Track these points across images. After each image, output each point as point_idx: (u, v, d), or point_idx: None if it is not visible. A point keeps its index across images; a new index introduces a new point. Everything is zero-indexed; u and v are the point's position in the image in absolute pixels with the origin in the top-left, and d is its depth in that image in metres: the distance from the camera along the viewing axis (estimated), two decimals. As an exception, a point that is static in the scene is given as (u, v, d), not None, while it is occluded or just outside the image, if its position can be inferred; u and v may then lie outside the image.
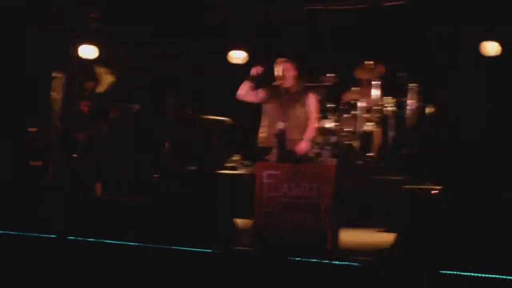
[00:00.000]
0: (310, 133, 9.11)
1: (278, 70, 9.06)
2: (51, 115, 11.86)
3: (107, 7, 11.45)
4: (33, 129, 11.85)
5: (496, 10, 10.18)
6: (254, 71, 9.04)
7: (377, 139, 10.63)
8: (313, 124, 9.15)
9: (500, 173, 10.26)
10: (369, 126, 10.62)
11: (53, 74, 11.39)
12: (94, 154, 10.94)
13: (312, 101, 9.24)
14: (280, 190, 7.68)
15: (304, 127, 9.13)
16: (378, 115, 10.66)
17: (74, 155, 10.71)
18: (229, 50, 12.39)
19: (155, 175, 11.26)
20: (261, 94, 9.19)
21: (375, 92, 10.65)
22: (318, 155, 10.11)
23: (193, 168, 11.49)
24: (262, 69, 9.05)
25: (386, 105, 10.84)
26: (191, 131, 12.14)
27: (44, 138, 11.72)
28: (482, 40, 10.72)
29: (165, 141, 11.36)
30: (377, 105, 10.66)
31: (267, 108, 9.12)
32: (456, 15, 10.60)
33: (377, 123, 10.66)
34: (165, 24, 11.76)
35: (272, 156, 9.07)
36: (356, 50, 11.49)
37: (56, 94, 11.75)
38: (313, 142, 9.47)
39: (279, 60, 9.18)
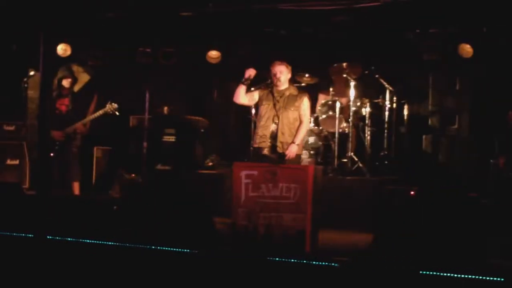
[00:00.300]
0: (300, 135, 9.05)
1: (273, 73, 9.10)
2: (27, 114, 11.84)
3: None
4: (10, 128, 11.78)
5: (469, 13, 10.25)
6: (247, 74, 9.07)
7: (353, 140, 10.67)
8: (304, 127, 9.12)
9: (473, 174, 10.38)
10: (345, 127, 10.65)
11: (30, 72, 11.35)
12: (71, 152, 10.88)
13: (304, 103, 9.19)
14: (258, 190, 7.70)
15: (293, 128, 9.05)
16: (354, 116, 10.70)
17: (51, 154, 10.63)
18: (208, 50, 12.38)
19: (128, 174, 11.32)
20: (255, 96, 9.21)
21: (351, 93, 10.67)
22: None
23: (168, 167, 11.52)
24: (255, 71, 9.07)
25: (362, 106, 10.89)
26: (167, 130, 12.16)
27: (20, 136, 11.69)
28: (458, 43, 10.76)
29: (142, 141, 11.34)
30: (353, 106, 10.69)
31: (262, 110, 9.14)
32: (431, 18, 10.64)
33: (353, 124, 10.69)
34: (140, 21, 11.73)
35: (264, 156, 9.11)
36: (331, 51, 11.51)
37: (33, 93, 11.72)
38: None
39: (275, 62, 9.23)
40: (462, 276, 5.99)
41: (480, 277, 5.93)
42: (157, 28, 11.84)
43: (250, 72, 9.08)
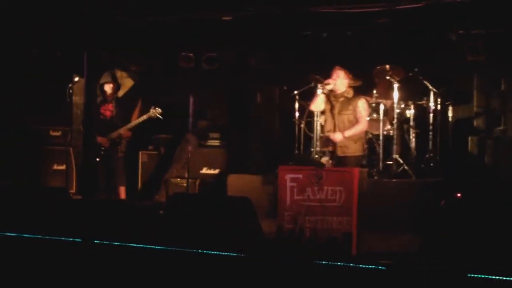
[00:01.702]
0: (352, 130, 9.40)
1: (336, 70, 9.37)
2: (72, 119, 11.93)
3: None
4: (56, 133, 11.90)
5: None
6: (327, 83, 9.54)
7: (397, 142, 10.60)
8: (360, 126, 9.46)
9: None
10: (389, 130, 10.59)
11: (74, 78, 11.44)
12: (116, 157, 10.95)
13: (360, 105, 9.55)
14: (303, 194, 7.69)
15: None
16: (398, 118, 10.62)
17: (97, 159, 10.71)
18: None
19: (174, 178, 11.35)
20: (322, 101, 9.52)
21: (395, 95, 10.60)
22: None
23: (214, 171, 11.55)
24: (334, 81, 9.53)
25: (406, 108, 10.81)
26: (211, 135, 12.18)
27: (66, 142, 11.79)
28: (502, 43, 10.66)
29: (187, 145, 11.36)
30: (397, 108, 10.62)
31: (325, 115, 9.42)
32: (474, 18, 10.55)
33: (398, 126, 10.62)
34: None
35: (327, 160, 9.28)
36: (374, 53, 11.45)
37: (78, 98, 11.81)
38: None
39: (335, 67, 9.44)
40: (510, 279, 5.93)
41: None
42: (199, 33, 11.88)
43: (330, 81, 9.48)
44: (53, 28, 11.70)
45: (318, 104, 9.58)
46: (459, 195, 8.40)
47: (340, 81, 9.47)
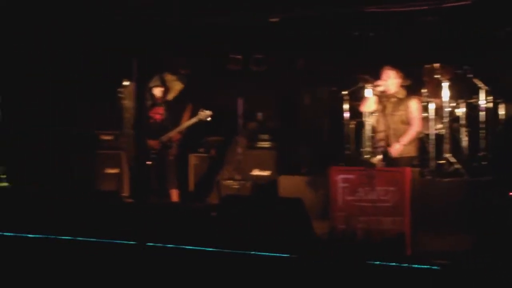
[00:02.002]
0: (408, 136, 9.28)
1: (386, 71, 9.35)
2: (123, 123, 12.02)
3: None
4: (108, 137, 11.99)
5: None
6: (377, 84, 9.43)
7: (449, 141, 10.52)
8: (414, 129, 9.35)
9: None
10: (440, 129, 10.51)
11: (124, 83, 11.53)
12: (168, 160, 11.01)
13: (412, 106, 9.46)
14: (355, 194, 7.68)
15: (403, 133, 9.34)
16: (448, 116, 10.54)
17: (148, 162, 10.77)
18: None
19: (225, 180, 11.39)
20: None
21: (445, 94, 10.52)
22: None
23: (265, 173, 11.54)
24: (385, 82, 9.43)
25: (456, 106, 10.72)
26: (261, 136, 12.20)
27: (118, 145, 11.88)
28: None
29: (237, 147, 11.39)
30: (447, 107, 10.54)
31: (374, 114, 9.38)
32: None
33: (448, 125, 10.54)
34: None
35: (379, 160, 9.25)
36: (422, 52, 11.38)
37: (128, 102, 11.89)
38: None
39: (385, 67, 9.40)
40: None
41: None
42: (247, 35, 11.91)
43: (380, 82, 9.41)
44: (102, 33, 11.83)
45: (369, 105, 9.54)
46: (511, 194, 8.34)
47: (390, 81, 9.42)
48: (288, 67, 12.60)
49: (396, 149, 9.15)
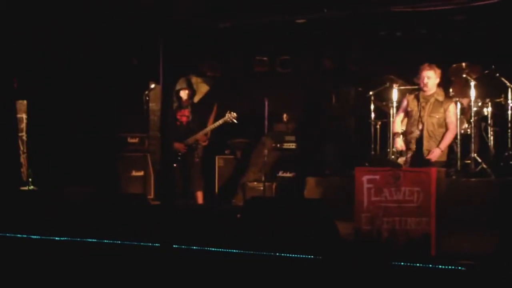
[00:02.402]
0: (446, 141, 9.31)
1: (421, 77, 9.28)
2: (149, 126, 12.06)
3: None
4: (134, 140, 12.04)
5: None
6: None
7: (476, 141, 10.45)
8: (451, 133, 9.36)
9: None
10: (467, 128, 10.44)
11: (150, 85, 11.57)
12: (193, 163, 11.03)
13: (451, 110, 9.43)
14: (380, 195, 7.64)
15: (439, 135, 9.35)
16: (475, 116, 10.47)
17: (174, 165, 10.80)
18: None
19: (251, 182, 11.38)
20: (404, 104, 9.68)
21: (472, 93, 10.45)
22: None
23: (290, 174, 11.54)
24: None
25: (483, 106, 10.64)
26: (287, 138, 12.19)
27: (144, 148, 11.92)
28: None
29: (263, 149, 11.38)
30: (474, 106, 10.47)
31: (409, 114, 9.29)
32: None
33: (475, 125, 10.47)
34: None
35: (405, 161, 9.17)
36: (449, 51, 11.32)
37: (154, 105, 11.94)
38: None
39: (423, 66, 9.33)
40: None
41: None
42: (273, 36, 11.91)
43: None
44: (128, 35, 11.88)
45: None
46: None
47: (432, 82, 9.32)
48: (314, 68, 12.59)
49: (436, 154, 9.09)
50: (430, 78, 9.30)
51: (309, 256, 7.06)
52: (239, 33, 11.85)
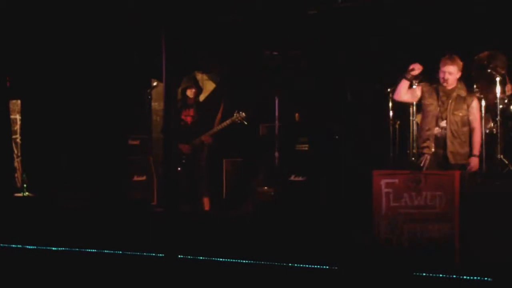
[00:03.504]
0: (478, 145, 8.95)
1: (446, 63, 9.03)
2: (151, 127, 12.06)
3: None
4: (135, 142, 12.03)
5: None
6: (412, 67, 9.01)
7: (501, 141, 10.41)
8: (479, 134, 9.02)
9: None
10: (492, 127, 10.41)
11: (153, 83, 11.56)
12: (199, 166, 11.02)
13: (474, 106, 9.06)
14: (400, 200, 7.63)
15: (463, 135, 8.94)
16: (501, 114, 10.42)
17: (178, 169, 10.79)
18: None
19: (261, 187, 11.35)
20: (418, 92, 9.16)
21: (497, 90, 10.41)
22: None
23: (303, 178, 11.50)
24: (421, 67, 9.00)
25: (510, 103, 10.60)
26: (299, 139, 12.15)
27: (146, 151, 11.91)
28: None
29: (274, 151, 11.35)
30: (500, 104, 10.43)
31: (425, 108, 9.05)
32: None
33: (501, 124, 10.42)
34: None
35: (425, 161, 8.95)
36: (472, 44, 11.27)
37: (157, 104, 11.93)
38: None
39: (444, 58, 9.12)
40: None
41: None
42: (284, 30, 11.88)
43: (415, 66, 9.02)
44: (128, 29, 11.87)
45: (404, 92, 9.13)
46: None
47: (453, 77, 9.11)
48: (327, 64, 12.54)
49: (475, 164, 8.81)
50: (452, 73, 9.07)
51: (324, 266, 7.06)
52: (247, 26, 11.82)
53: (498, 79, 10.30)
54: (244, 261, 7.45)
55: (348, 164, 11.57)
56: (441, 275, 6.63)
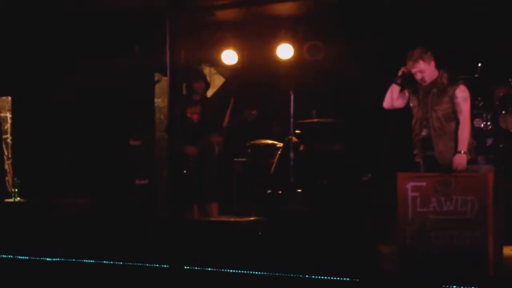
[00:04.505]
0: (464, 140, 8.44)
1: (412, 65, 8.78)
2: (155, 126, 12.07)
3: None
4: (137, 143, 12.06)
5: None
6: (402, 71, 8.82)
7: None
8: (465, 126, 8.48)
9: None
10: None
11: (155, 78, 11.57)
12: (207, 169, 11.04)
13: (461, 95, 8.52)
14: (428, 205, 7.65)
15: (450, 132, 8.55)
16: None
17: (184, 172, 10.80)
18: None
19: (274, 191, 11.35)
20: (407, 94, 8.95)
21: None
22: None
23: (321, 182, 11.50)
24: (409, 68, 8.80)
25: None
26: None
27: (149, 152, 11.93)
28: None
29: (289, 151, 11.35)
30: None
31: (412, 113, 8.86)
32: None
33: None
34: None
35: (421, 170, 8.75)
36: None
37: (160, 101, 11.95)
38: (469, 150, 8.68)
39: (408, 59, 8.88)
40: None
41: None
42: (299, 17, 11.88)
43: (404, 69, 8.77)
44: (128, 17, 11.86)
45: (394, 99, 8.91)
46: None
47: (427, 73, 8.63)
48: (348, 55, 12.53)
49: (461, 161, 8.34)
50: (423, 70, 8.63)
51: (344, 279, 7.08)
52: (258, 15, 11.82)
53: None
54: (257, 273, 7.47)
55: (371, 165, 11.59)
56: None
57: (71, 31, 11.83)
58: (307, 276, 7.25)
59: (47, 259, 8.41)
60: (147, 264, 8.05)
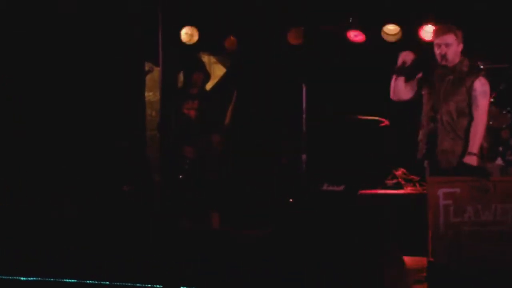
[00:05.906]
0: (477, 139, 8.17)
1: (440, 34, 8.55)
2: (145, 123, 12.05)
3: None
4: (124, 143, 12.04)
5: None
6: (402, 58, 8.65)
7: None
8: (480, 124, 8.21)
9: None
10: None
11: (145, 68, 11.53)
12: (206, 173, 11.03)
13: (480, 88, 8.28)
14: (463, 214, 7.61)
15: (459, 129, 8.31)
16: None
17: (180, 176, 10.80)
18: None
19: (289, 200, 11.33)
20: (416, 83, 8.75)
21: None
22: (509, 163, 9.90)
23: (338, 188, 11.47)
24: (412, 54, 8.62)
25: None
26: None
27: (149, 154, 11.92)
28: None
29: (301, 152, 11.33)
30: None
31: (422, 102, 8.64)
32: None
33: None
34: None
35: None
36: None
37: (152, 95, 11.92)
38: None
39: (438, 29, 8.70)
40: None
41: None
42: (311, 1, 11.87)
43: (405, 57, 8.60)
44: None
45: (402, 90, 8.66)
46: None
47: (451, 50, 8.35)
48: (367, 42, 12.47)
49: (471, 162, 8.06)
50: (451, 45, 8.30)
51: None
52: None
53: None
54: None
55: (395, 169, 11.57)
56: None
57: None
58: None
59: (21, 278, 8.38)
60: (138, 284, 8.02)
